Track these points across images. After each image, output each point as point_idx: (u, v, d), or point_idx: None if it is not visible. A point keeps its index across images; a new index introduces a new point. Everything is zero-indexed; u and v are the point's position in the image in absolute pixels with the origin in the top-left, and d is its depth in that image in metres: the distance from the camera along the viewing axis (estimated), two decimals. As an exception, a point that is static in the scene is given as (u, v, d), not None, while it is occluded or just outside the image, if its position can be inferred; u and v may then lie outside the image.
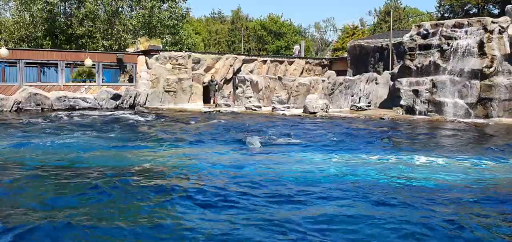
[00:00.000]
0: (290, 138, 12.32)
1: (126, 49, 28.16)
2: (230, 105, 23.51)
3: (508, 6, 20.90)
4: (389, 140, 12.72)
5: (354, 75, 26.40)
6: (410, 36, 21.53)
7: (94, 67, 23.97)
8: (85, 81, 24.27)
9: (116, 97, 23.10)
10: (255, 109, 21.98)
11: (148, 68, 24.77)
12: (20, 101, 20.75)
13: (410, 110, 20.27)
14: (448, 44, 19.75)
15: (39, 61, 22.73)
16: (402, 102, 20.71)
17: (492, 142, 12.59)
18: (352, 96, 23.99)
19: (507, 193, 6.94)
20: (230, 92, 27.16)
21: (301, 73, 30.23)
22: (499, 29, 19.00)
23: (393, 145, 11.73)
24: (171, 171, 8.24)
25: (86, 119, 17.25)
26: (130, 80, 25.15)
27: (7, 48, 21.14)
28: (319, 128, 15.17)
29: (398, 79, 21.30)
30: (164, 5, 34.98)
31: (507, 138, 13.49)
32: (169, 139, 12.25)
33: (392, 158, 9.59)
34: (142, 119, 17.79)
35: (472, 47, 19.04)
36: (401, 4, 52.17)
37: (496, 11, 34.45)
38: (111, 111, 21.40)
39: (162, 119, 18.14)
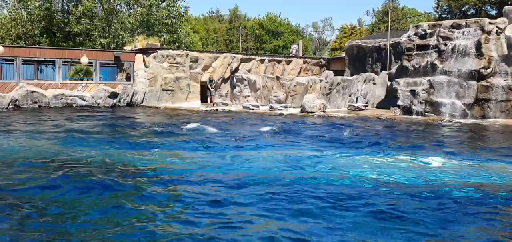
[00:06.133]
0: None
1: (124, 48, 28.11)
2: (227, 104, 23.49)
3: (506, 8, 20.94)
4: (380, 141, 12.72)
5: (351, 75, 26.40)
6: (408, 36, 21.55)
7: (91, 65, 23.91)
8: (82, 79, 24.21)
9: (113, 95, 23.05)
10: (252, 109, 21.95)
11: (146, 66, 24.72)
12: (17, 99, 20.68)
13: (407, 110, 20.28)
14: (446, 45, 19.77)
15: (36, 59, 22.66)
16: (399, 102, 20.71)
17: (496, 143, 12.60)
18: (350, 96, 23.98)
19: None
20: (228, 91, 27.14)
21: (299, 72, 30.23)
22: (497, 30, 19.03)
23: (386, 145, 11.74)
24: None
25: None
26: (128, 78, 25.09)
27: (3, 46, 21.10)
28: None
29: (396, 80, 21.31)
30: (162, 3, 34.91)
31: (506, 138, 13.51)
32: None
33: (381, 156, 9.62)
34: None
35: (470, 48, 19.06)
36: (399, 4, 52.19)
37: (493, 12, 34.51)
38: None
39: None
